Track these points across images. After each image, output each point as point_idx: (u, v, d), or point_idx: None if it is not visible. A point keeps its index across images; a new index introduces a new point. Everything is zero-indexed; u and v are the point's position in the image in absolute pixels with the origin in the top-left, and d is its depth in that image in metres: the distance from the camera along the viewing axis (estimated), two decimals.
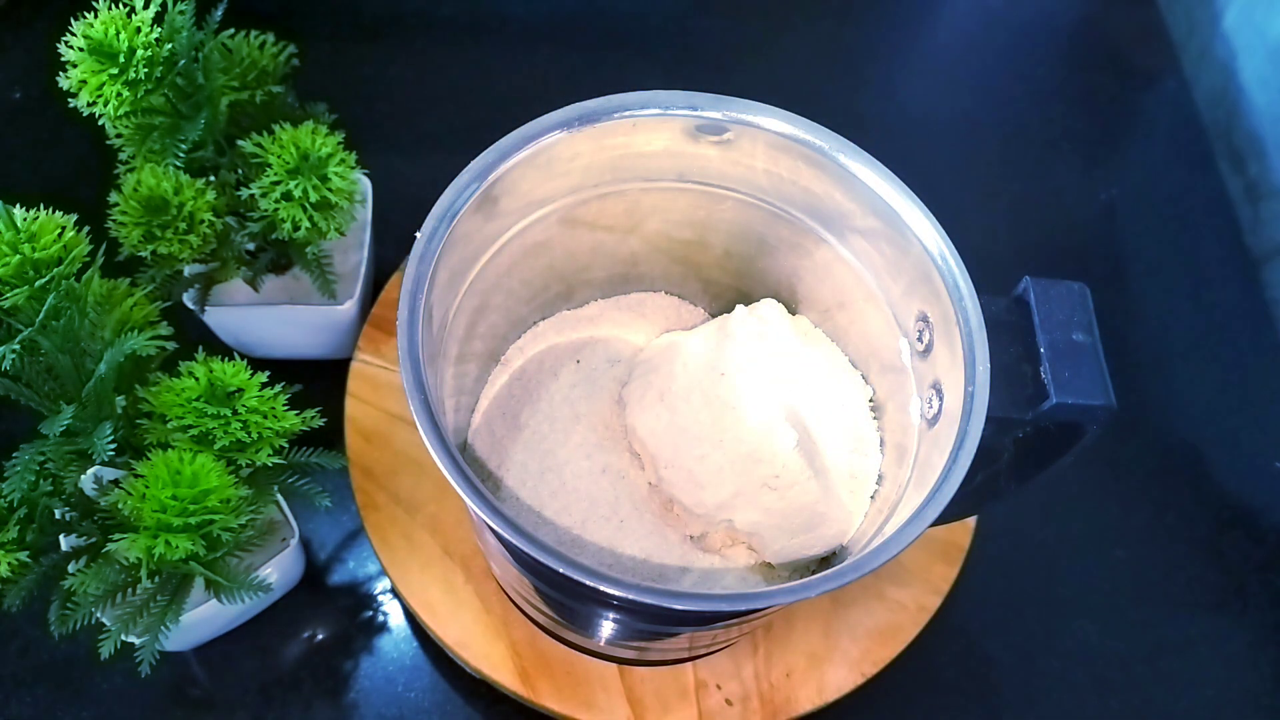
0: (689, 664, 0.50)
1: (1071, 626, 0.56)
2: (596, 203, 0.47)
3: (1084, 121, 0.75)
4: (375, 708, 0.51)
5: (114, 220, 0.46)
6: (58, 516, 0.43)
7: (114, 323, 0.42)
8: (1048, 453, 0.44)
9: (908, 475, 0.43)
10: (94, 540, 0.43)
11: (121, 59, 0.42)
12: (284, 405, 0.42)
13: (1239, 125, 0.76)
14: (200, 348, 0.43)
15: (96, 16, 0.42)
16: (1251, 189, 0.75)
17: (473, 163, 0.41)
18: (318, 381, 0.49)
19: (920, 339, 0.43)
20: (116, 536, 0.39)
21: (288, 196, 0.47)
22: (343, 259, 0.57)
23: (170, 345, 0.42)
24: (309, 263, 0.52)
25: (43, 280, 0.37)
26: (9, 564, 0.40)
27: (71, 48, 0.42)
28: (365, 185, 0.57)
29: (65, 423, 0.39)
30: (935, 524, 0.36)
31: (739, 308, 0.50)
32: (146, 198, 0.46)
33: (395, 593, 0.53)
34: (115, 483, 0.44)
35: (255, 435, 0.41)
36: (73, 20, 0.42)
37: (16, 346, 0.37)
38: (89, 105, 0.43)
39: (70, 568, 0.42)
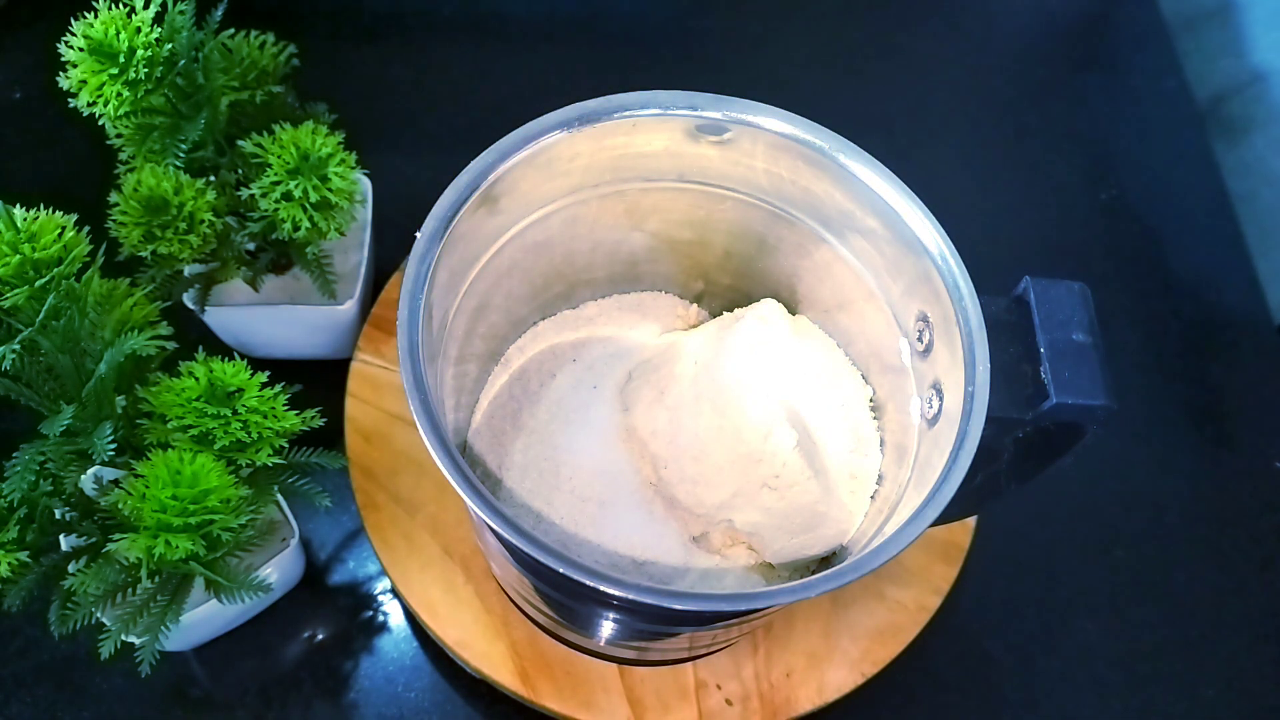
0: (689, 664, 0.50)
1: (1071, 626, 0.56)
2: (596, 203, 0.47)
3: (1084, 121, 0.75)
4: (375, 708, 0.51)
5: (114, 220, 0.46)
6: (58, 516, 0.43)
7: (114, 323, 0.42)
8: (1048, 453, 0.44)
9: (908, 475, 0.43)
10: (94, 540, 0.43)
11: (121, 59, 0.42)
12: (284, 405, 0.42)
13: (1238, 123, 0.76)
14: (200, 348, 0.43)
15: (96, 16, 0.42)
16: (1251, 186, 0.75)
17: (473, 163, 0.41)
18: (318, 381, 0.49)
19: (920, 339, 0.43)
20: (116, 536, 0.39)
21: (288, 196, 0.47)
22: (343, 259, 0.57)
23: (170, 345, 0.42)
24: (309, 263, 0.52)
25: (43, 280, 0.37)
26: (9, 564, 0.40)
27: (71, 48, 0.42)
28: (365, 185, 0.57)
29: (65, 423, 0.39)
30: (935, 524, 0.36)
31: (739, 308, 0.50)
32: (146, 198, 0.46)
33: (395, 593, 0.53)
34: (115, 483, 0.44)
35: (255, 435, 0.41)
36: (73, 20, 0.42)
37: (16, 346, 0.37)
38: (89, 105, 0.43)
39: (70, 568, 0.42)
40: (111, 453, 0.39)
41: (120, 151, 0.47)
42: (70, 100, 0.43)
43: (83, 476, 0.42)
